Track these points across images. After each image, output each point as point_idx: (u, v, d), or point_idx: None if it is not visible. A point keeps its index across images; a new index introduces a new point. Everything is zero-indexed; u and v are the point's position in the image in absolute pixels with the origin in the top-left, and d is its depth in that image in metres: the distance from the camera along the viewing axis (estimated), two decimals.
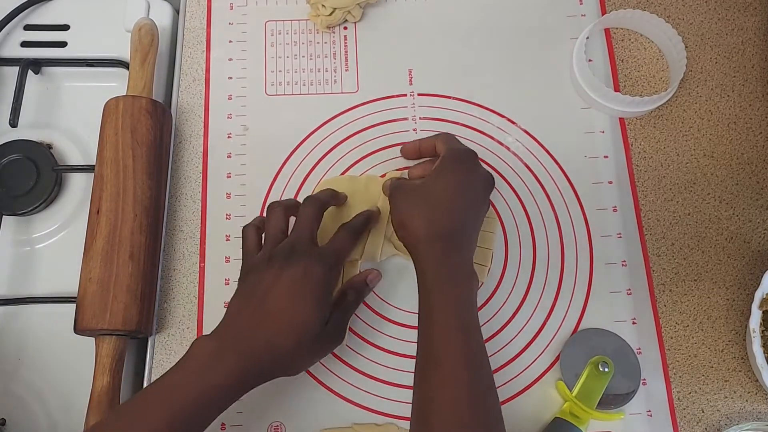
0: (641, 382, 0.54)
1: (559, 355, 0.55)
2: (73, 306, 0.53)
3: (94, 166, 0.56)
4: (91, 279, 0.52)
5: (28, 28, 0.66)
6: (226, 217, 0.59)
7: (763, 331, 0.53)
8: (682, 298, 0.57)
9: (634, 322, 0.56)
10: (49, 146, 0.62)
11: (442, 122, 0.62)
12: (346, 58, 0.64)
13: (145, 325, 0.54)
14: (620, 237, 0.59)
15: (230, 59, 0.64)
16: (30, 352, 0.57)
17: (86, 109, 0.63)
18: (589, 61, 0.63)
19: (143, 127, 0.56)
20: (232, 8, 0.66)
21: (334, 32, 0.65)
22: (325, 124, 0.62)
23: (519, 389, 0.54)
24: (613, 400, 0.53)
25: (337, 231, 0.53)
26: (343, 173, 0.60)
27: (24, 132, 0.62)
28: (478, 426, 0.43)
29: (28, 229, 0.60)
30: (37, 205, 0.59)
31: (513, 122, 0.62)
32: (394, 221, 0.52)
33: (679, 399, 0.54)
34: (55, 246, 0.60)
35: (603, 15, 0.65)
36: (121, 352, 0.52)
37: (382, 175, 0.60)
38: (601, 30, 0.65)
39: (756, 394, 0.55)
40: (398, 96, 0.63)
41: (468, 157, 0.53)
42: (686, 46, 0.61)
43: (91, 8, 0.66)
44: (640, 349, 0.55)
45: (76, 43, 0.65)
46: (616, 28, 0.65)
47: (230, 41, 0.65)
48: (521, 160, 0.61)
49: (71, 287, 0.54)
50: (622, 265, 0.58)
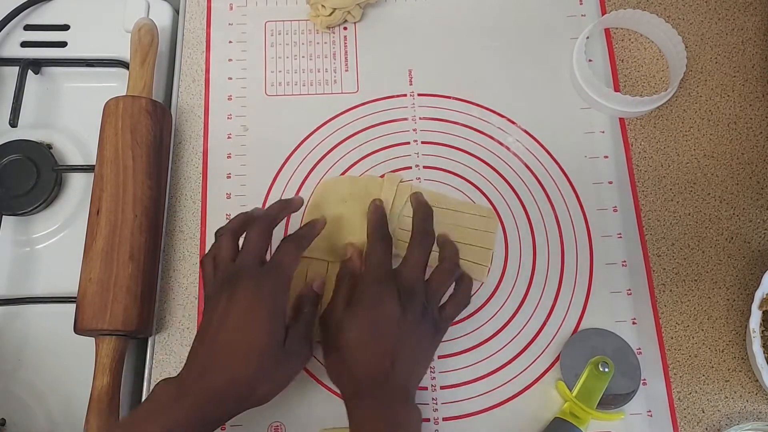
0: (641, 382, 0.54)
1: (559, 355, 0.55)
2: (73, 306, 0.53)
3: (94, 166, 0.56)
4: (91, 279, 0.52)
5: (28, 28, 0.66)
6: (226, 218, 0.59)
7: (763, 331, 0.53)
8: (683, 298, 0.57)
9: (634, 322, 0.56)
10: (49, 146, 0.62)
11: (442, 122, 0.62)
12: (346, 59, 0.64)
13: (145, 326, 0.54)
14: (620, 237, 0.59)
15: (230, 60, 0.64)
16: (30, 352, 0.57)
17: (86, 109, 0.63)
18: (589, 61, 0.63)
19: (143, 127, 0.56)
20: (231, 9, 0.66)
21: (334, 32, 0.65)
22: (325, 125, 0.62)
23: (519, 389, 0.54)
24: (613, 400, 0.53)
25: (280, 243, 0.50)
26: (343, 173, 0.60)
27: (24, 132, 0.62)
28: None
29: (28, 229, 0.60)
30: (37, 205, 0.59)
31: (513, 122, 0.62)
32: (325, 365, 0.50)
33: (679, 399, 0.54)
34: (55, 246, 0.60)
35: (603, 15, 0.65)
36: (121, 352, 0.52)
37: (381, 175, 0.60)
38: (601, 30, 0.65)
39: (756, 394, 0.55)
40: (398, 96, 0.63)
41: (373, 291, 0.48)
42: (686, 46, 0.61)
43: (91, 8, 0.66)
44: (640, 349, 0.55)
45: (76, 43, 0.65)
46: (616, 28, 0.65)
47: (230, 42, 0.65)
48: (521, 160, 0.61)
49: (71, 287, 0.54)
50: (622, 265, 0.58)
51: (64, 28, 0.66)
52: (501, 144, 0.61)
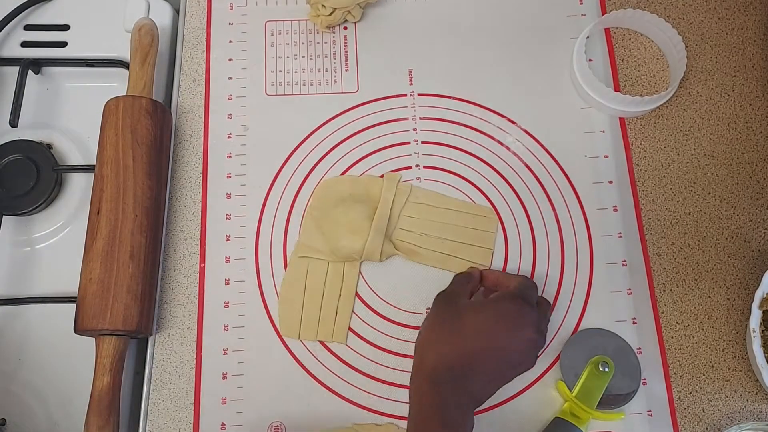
0: (641, 382, 0.54)
1: (559, 355, 0.55)
2: (73, 306, 0.53)
3: (94, 166, 0.56)
4: (92, 279, 0.52)
5: (28, 28, 0.66)
6: (226, 218, 0.59)
7: (763, 331, 0.53)
8: (683, 297, 0.57)
9: (634, 322, 0.56)
10: (49, 146, 0.62)
11: (442, 122, 0.62)
12: (346, 58, 0.64)
13: (145, 325, 0.54)
14: (620, 237, 0.59)
15: (230, 59, 0.64)
16: (30, 352, 0.57)
17: (86, 109, 0.63)
18: (589, 60, 0.63)
19: (143, 127, 0.56)
20: (232, 8, 0.66)
21: (334, 32, 0.65)
22: (325, 124, 0.62)
23: (519, 389, 0.54)
24: (613, 400, 0.53)
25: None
26: (343, 173, 0.60)
27: (24, 132, 0.62)
28: None
29: (28, 229, 0.60)
30: (37, 205, 0.59)
31: (513, 122, 0.62)
32: (421, 332, 0.50)
33: (679, 399, 0.54)
34: (55, 246, 0.60)
35: (603, 15, 0.65)
36: (121, 352, 0.52)
37: (381, 176, 0.60)
38: (601, 30, 0.65)
39: (756, 393, 0.55)
40: (398, 96, 0.63)
41: (525, 309, 0.48)
42: (686, 46, 0.61)
43: (91, 8, 0.66)
44: (640, 349, 0.55)
45: (76, 43, 0.65)
46: (616, 28, 0.65)
47: (230, 41, 0.65)
48: (521, 160, 0.61)
49: (71, 287, 0.54)
50: (623, 265, 0.58)
51: (64, 28, 0.66)
52: (501, 144, 0.61)
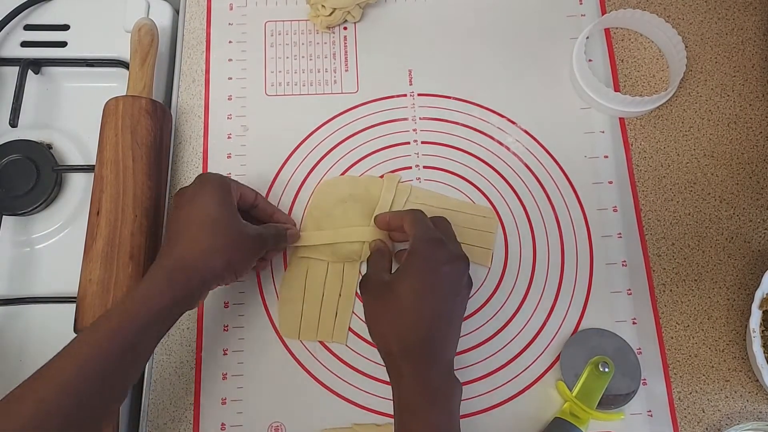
0: (641, 382, 0.54)
1: (559, 355, 0.55)
2: (73, 306, 0.53)
3: (94, 166, 0.56)
4: (92, 280, 0.52)
5: (28, 28, 0.66)
6: None
7: (763, 331, 0.53)
8: (683, 298, 0.57)
9: (634, 322, 0.56)
10: (49, 146, 0.62)
11: (442, 122, 0.62)
12: (346, 59, 0.64)
13: None
14: (620, 237, 0.59)
15: (230, 60, 0.64)
16: (30, 353, 0.57)
17: (86, 109, 0.63)
18: (589, 61, 0.63)
19: (143, 127, 0.56)
20: (231, 9, 0.66)
21: (334, 32, 0.65)
22: (325, 124, 0.62)
23: (519, 389, 0.55)
24: (613, 400, 0.53)
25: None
26: (343, 173, 0.60)
27: (24, 132, 0.62)
28: None
29: (28, 229, 0.60)
30: (37, 205, 0.59)
31: (513, 122, 0.62)
32: (368, 324, 0.50)
33: (679, 399, 0.54)
34: (55, 246, 0.60)
35: (603, 15, 0.65)
36: None
37: (381, 176, 0.60)
38: (601, 30, 0.65)
39: (756, 394, 0.55)
40: (398, 96, 0.63)
41: (435, 251, 0.48)
42: (686, 46, 0.61)
43: (91, 8, 0.66)
44: (640, 349, 0.55)
45: (76, 43, 0.65)
46: (616, 28, 0.65)
47: (230, 42, 0.65)
48: (521, 160, 0.61)
49: (71, 287, 0.54)
50: (622, 265, 0.58)
51: (64, 28, 0.66)
52: (501, 144, 0.61)
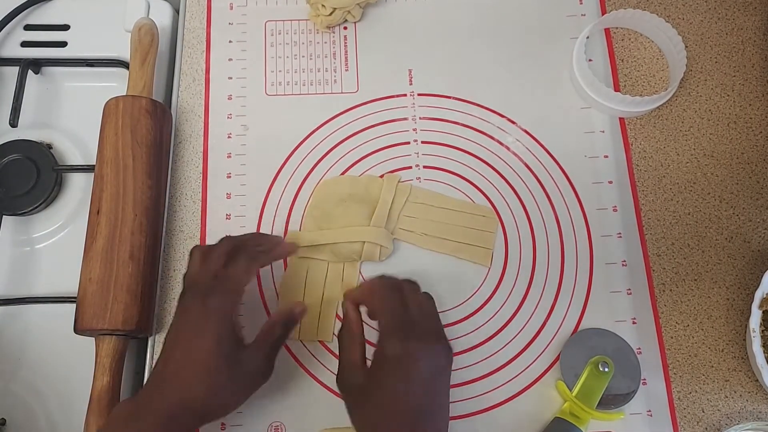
0: (641, 382, 0.54)
1: (559, 355, 0.55)
2: (73, 306, 0.53)
3: (94, 166, 0.56)
4: (91, 279, 0.52)
5: (28, 28, 0.66)
6: (226, 217, 0.59)
7: (763, 331, 0.53)
8: (682, 297, 0.57)
9: (634, 322, 0.56)
10: (49, 146, 0.62)
11: (442, 122, 0.62)
12: (346, 58, 0.64)
13: (145, 325, 0.54)
14: (620, 237, 0.59)
15: (230, 59, 0.64)
16: (30, 352, 0.57)
17: (86, 109, 0.63)
18: (589, 60, 0.63)
19: (143, 127, 0.56)
20: (232, 8, 0.66)
21: (334, 32, 0.65)
22: (325, 124, 0.62)
23: (519, 389, 0.55)
24: (613, 400, 0.53)
25: (236, 256, 0.48)
26: (343, 173, 0.60)
27: (24, 132, 0.62)
28: None
29: (28, 229, 0.60)
30: (37, 205, 0.59)
31: (513, 122, 0.62)
32: (353, 424, 0.47)
33: (679, 399, 0.54)
34: (55, 246, 0.60)
35: (603, 15, 0.65)
36: (121, 352, 0.53)
37: (381, 176, 0.60)
38: (601, 30, 0.65)
39: (756, 394, 0.55)
40: (398, 96, 0.63)
41: (407, 344, 0.44)
42: (686, 46, 0.61)
43: (91, 8, 0.66)
44: (640, 349, 0.55)
45: (76, 43, 0.65)
46: (616, 28, 0.65)
47: (230, 41, 0.65)
48: (521, 160, 0.61)
49: (71, 287, 0.54)
50: (622, 265, 0.58)
51: (64, 28, 0.66)
52: (501, 144, 0.61)
